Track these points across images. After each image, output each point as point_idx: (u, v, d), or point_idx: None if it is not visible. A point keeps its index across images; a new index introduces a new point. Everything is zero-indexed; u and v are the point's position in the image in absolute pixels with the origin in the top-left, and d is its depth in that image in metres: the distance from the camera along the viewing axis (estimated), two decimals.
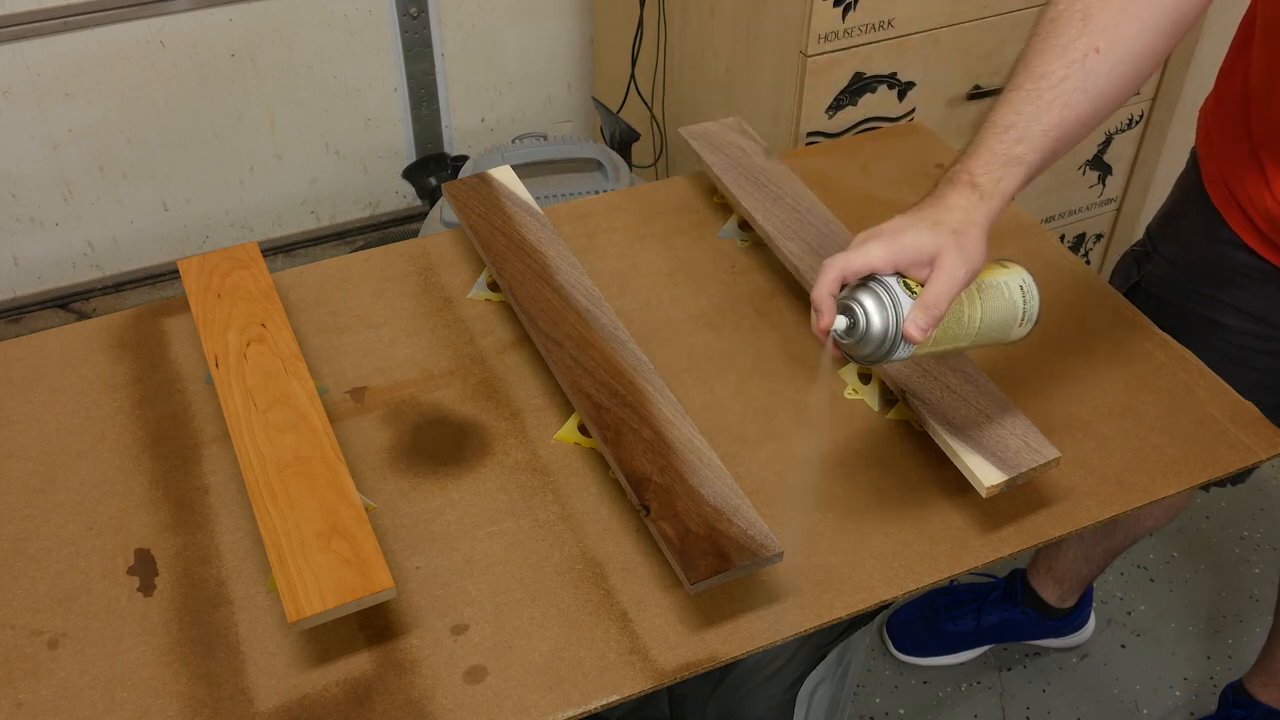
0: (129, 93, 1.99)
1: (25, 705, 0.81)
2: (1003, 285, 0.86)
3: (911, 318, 0.78)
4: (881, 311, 0.78)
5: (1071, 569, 1.60)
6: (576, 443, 1.00)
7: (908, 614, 1.71)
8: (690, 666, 0.84)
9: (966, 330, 0.84)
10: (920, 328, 0.78)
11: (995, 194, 0.82)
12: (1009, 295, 0.86)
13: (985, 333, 0.85)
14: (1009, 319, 0.86)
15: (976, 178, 0.82)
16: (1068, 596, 1.64)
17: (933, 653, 1.69)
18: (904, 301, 0.79)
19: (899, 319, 0.78)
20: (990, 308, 0.85)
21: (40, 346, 1.09)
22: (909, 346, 0.79)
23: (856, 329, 0.79)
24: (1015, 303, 0.86)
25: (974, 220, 0.81)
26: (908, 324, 0.78)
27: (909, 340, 0.79)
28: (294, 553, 0.83)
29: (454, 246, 1.21)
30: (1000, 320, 0.86)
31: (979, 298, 0.84)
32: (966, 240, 0.79)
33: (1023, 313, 0.87)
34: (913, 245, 0.79)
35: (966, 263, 0.79)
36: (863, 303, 0.79)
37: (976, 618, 1.67)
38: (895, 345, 0.79)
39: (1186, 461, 1.00)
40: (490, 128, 2.33)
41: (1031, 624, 1.67)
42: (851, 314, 0.79)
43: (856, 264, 0.79)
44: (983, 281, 0.85)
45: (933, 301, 0.78)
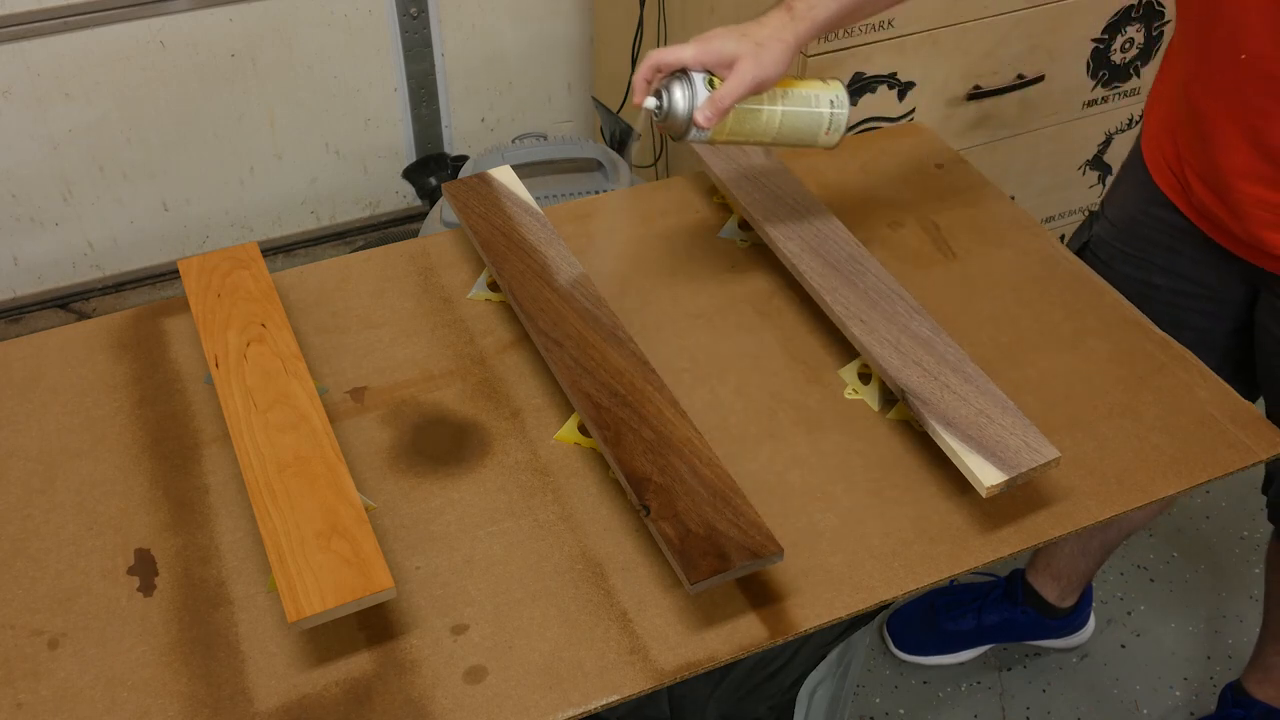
0: (129, 93, 1.99)
1: (25, 705, 0.81)
2: (811, 96, 1.02)
3: (700, 108, 0.95)
4: (683, 100, 0.96)
5: (1069, 565, 1.61)
6: (576, 443, 1.00)
7: (908, 613, 1.71)
8: (690, 666, 0.84)
9: (766, 128, 1.01)
10: (706, 117, 0.95)
11: (805, 19, 0.97)
12: (815, 106, 1.02)
13: (787, 133, 1.02)
14: (813, 126, 1.03)
15: (794, 3, 0.97)
16: (1067, 595, 1.64)
17: (933, 652, 1.69)
18: (701, 94, 0.96)
19: (694, 107, 0.96)
20: (792, 112, 1.01)
21: (40, 346, 1.09)
22: (705, 131, 0.97)
23: (663, 110, 0.97)
24: (820, 113, 1.02)
25: (780, 37, 0.95)
26: (697, 112, 0.95)
27: (697, 126, 0.96)
28: (294, 553, 0.83)
29: (454, 246, 1.21)
30: (803, 125, 1.02)
31: (782, 102, 1.00)
32: (765, 52, 0.95)
33: (828, 123, 1.03)
34: (718, 49, 0.95)
35: (759, 70, 0.94)
36: (670, 89, 0.97)
37: (977, 617, 1.68)
38: (690, 127, 0.97)
39: (1186, 461, 1.00)
40: (490, 128, 2.33)
41: (1032, 623, 1.67)
42: (660, 98, 0.97)
43: (668, 57, 0.96)
44: (790, 90, 1.01)
45: (719, 97, 0.95)
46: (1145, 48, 1.77)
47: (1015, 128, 1.75)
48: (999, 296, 1.16)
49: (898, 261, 1.19)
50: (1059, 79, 1.72)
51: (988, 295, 1.16)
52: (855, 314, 1.05)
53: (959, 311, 1.14)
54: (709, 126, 0.96)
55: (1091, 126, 1.83)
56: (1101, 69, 1.75)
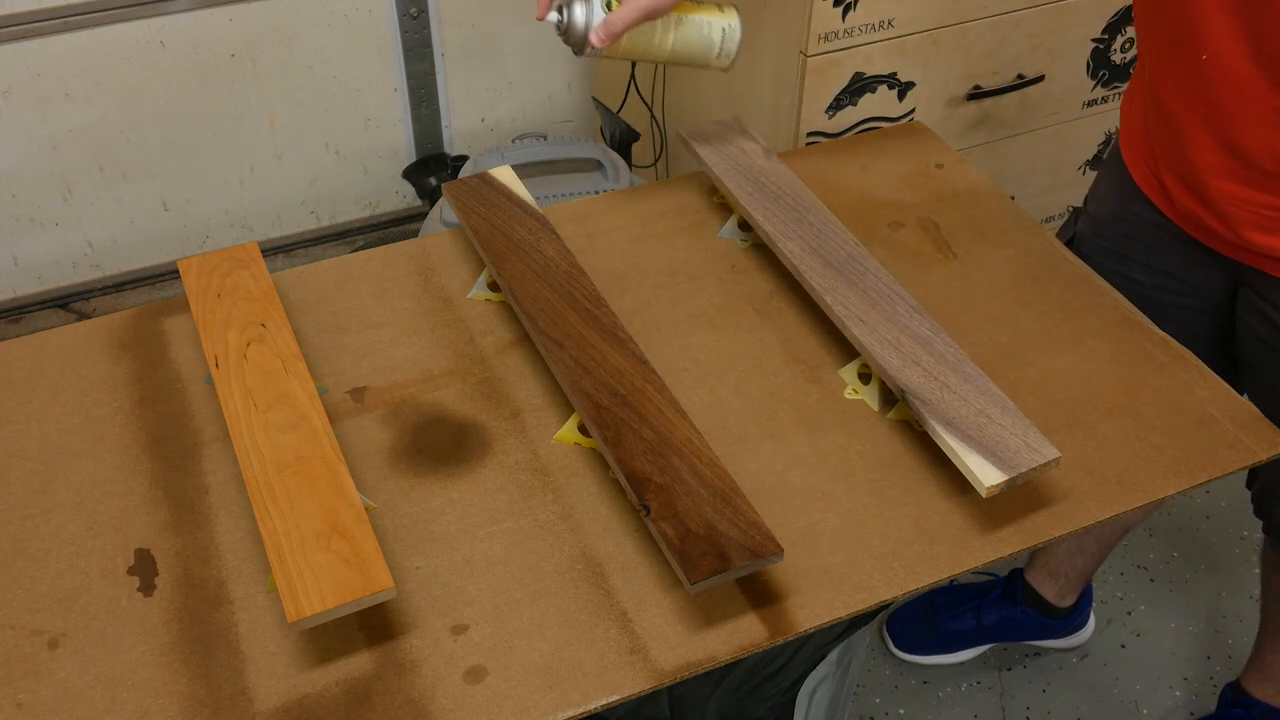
0: (129, 93, 1.99)
1: (25, 705, 0.81)
2: (703, 23, 1.11)
3: (595, 29, 1.06)
4: (581, 18, 1.06)
5: (1066, 563, 1.61)
6: (576, 443, 1.00)
7: (908, 613, 1.71)
8: (690, 666, 0.84)
9: (659, 49, 1.11)
10: (600, 37, 1.06)
11: None
12: (706, 32, 1.11)
13: (679, 54, 1.12)
14: (703, 50, 1.12)
15: None
16: (1066, 594, 1.64)
17: (933, 651, 1.69)
18: (598, 15, 1.06)
19: (589, 26, 1.06)
20: (684, 36, 1.11)
21: (40, 346, 1.09)
22: (599, 50, 1.07)
23: (562, 25, 1.08)
24: (710, 39, 1.12)
25: None
26: (591, 33, 1.06)
27: (590, 45, 1.07)
28: (294, 553, 0.84)
29: (454, 246, 1.21)
30: (694, 49, 1.12)
31: (674, 28, 1.10)
32: None
33: (718, 48, 1.12)
34: None
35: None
36: (571, 7, 1.07)
37: (976, 616, 1.68)
38: (585, 45, 1.07)
39: (1186, 461, 1.00)
40: (490, 128, 2.33)
41: (1031, 623, 1.67)
42: (561, 14, 1.07)
43: None
44: (684, 17, 1.10)
45: (612, 20, 1.06)
46: None
47: (1015, 128, 1.75)
48: (999, 296, 1.16)
49: (898, 261, 1.19)
50: (1059, 79, 1.72)
51: (988, 295, 1.16)
52: (855, 314, 1.05)
53: (959, 311, 1.14)
54: (601, 46, 1.06)
55: (1091, 126, 1.83)
56: (1101, 69, 1.75)
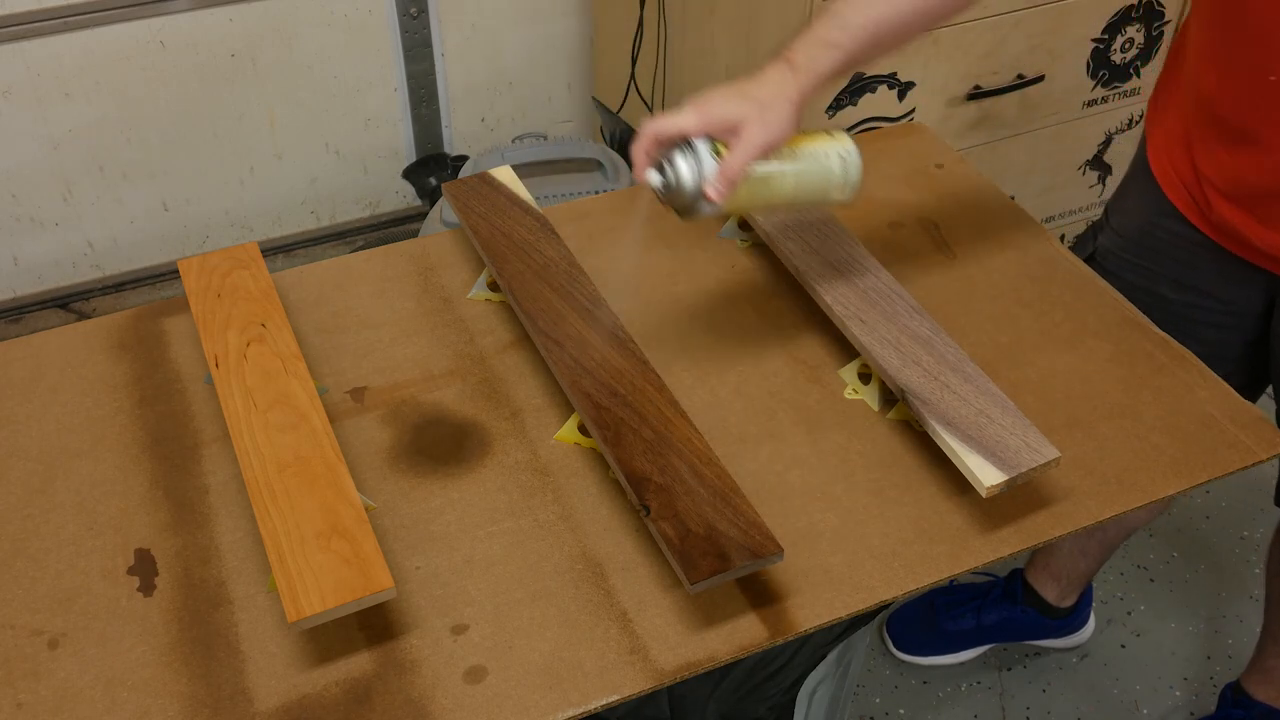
0: (129, 93, 1.99)
1: (25, 705, 0.81)
2: (820, 154, 0.95)
3: (710, 180, 0.88)
4: (688, 172, 0.88)
5: (1068, 565, 1.60)
6: (576, 443, 1.00)
7: (908, 613, 1.71)
8: (690, 666, 0.84)
9: (779, 192, 0.95)
10: (718, 190, 0.88)
11: (808, 71, 0.89)
12: (825, 163, 0.95)
13: (801, 195, 0.97)
14: (824, 184, 0.96)
15: (794, 56, 0.89)
16: (1067, 595, 1.64)
17: (933, 652, 1.69)
18: (708, 164, 0.88)
19: (701, 179, 0.88)
20: (803, 173, 0.95)
21: (40, 346, 1.09)
22: (715, 205, 0.89)
23: (669, 185, 0.90)
24: (830, 169, 0.96)
25: (783, 94, 0.88)
26: (707, 185, 0.88)
27: (707, 200, 0.88)
28: (294, 553, 0.84)
29: (454, 246, 1.21)
30: (815, 185, 0.96)
31: (790, 164, 0.94)
32: (770, 112, 0.87)
33: (842, 179, 0.96)
34: (720, 113, 0.88)
35: (766, 132, 0.87)
36: (674, 162, 0.89)
37: (976, 617, 1.68)
38: (700, 203, 0.89)
39: (1186, 461, 1.00)
40: (490, 128, 2.33)
41: (1031, 623, 1.67)
42: (664, 171, 0.89)
43: (669, 127, 0.88)
44: (798, 149, 0.94)
45: (728, 165, 0.87)
46: (1145, 48, 1.77)
47: (1015, 128, 1.75)
48: (999, 296, 1.16)
49: (898, 261, 1.19)
50: (1059, 79, 1.72)
51: (988, 295, 1.16)
52: (855, 314, 1.05)
53: (959, 311, 1.14)
54: (720, 200, 0.88)
55: (1091, 126, 1.83)
56: (1101, 69, 1.75)
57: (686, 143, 0.89)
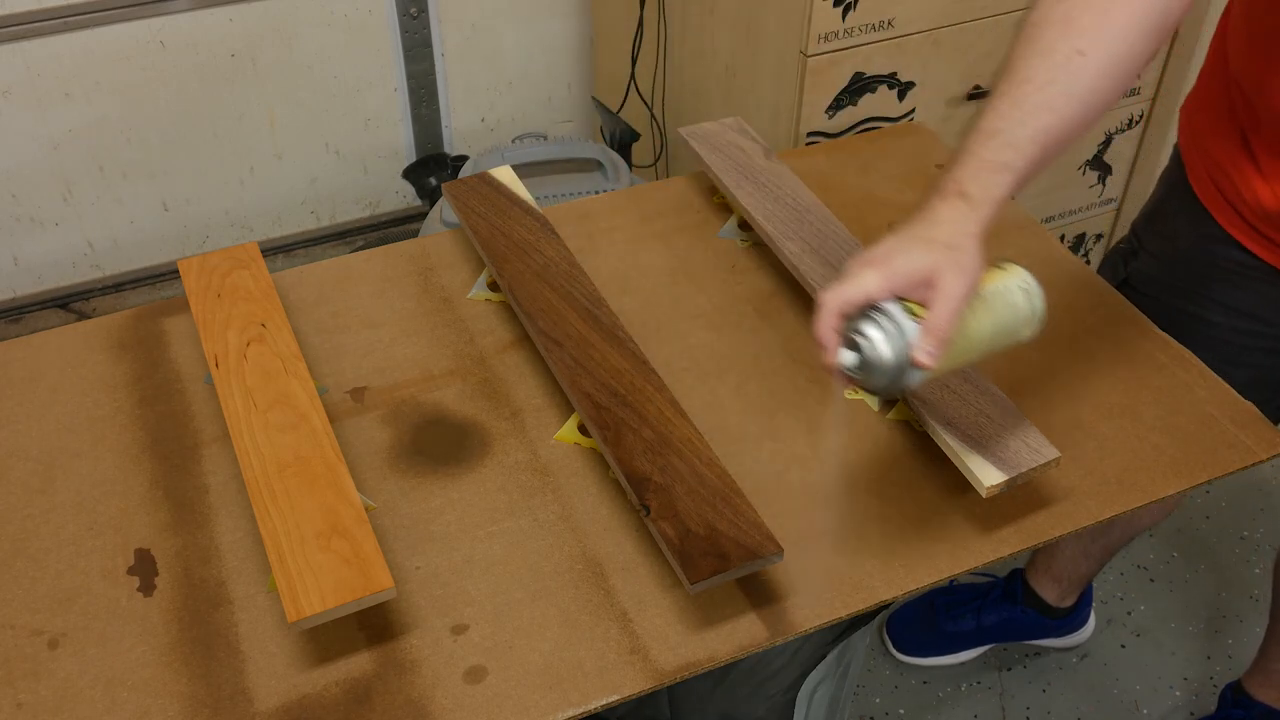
0: (129, 93, 1.99)
1: (25, 705, 0.81)
2: (1004, 292, 0.85)
3: (919, 345, 0.76)
4: (887, 342, 0.76)
5: (1069, 567, 1.60)
6: (576, 443, 1.00)
7: (907, 614, 1.71)
8: (690, 666, 0.84)
9: (976, 343, 0.83)
10: (930, 353, 0.76)
11: (985, 201, 0.79)
12: (1012, 300, 0.85)
13: (995, 341, 0.84)
14: (1016, 324, 0.85)
15: (965, 187, 0.80)
16: (1067, 595, 1.64)
17: (933, 653, 1.69)
18: (908, 327, 0.76)
19: (906, 346, 0.76)
20: (996, 317, 0.83)
21: (40, 346, 1.09)
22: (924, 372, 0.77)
23: (866, 362, 0.77)
24: (1019, 306, 0.85)
25: (966, 231, 0.78)
26: (917, 352, 0.76)
27: (919, 367, 0.76)
28: (294, 553, 0.84)
29: (454, 246, 1.21)
30: (1007, 327, 0.85)
31: (983, 309, 0.82)
32: (961, 254, 0.78)
33: (1030, 314, 0.86)
34: (906, 268, 0.77)
35: (964, 277, 0.77)
36: (868, 334, 0.77)
37: (976, 617, 1.67)
38: (906, 373, 0.77)
39: (1186, 461, 1.00)
40: (490, 128, 2.33)
41: (1032, 623, 1.67)
42: (858, 348, 0.77)
43: (854, 295, 0.77)
44: (984, 291, 0.82)
45: (937, 324, 0.76)
46: None
47: None
48: None
49: None
50: None
51: None
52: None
53: None
54: (934, 363, 0.76)
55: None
56: None
57: (875, 309, 0.77)
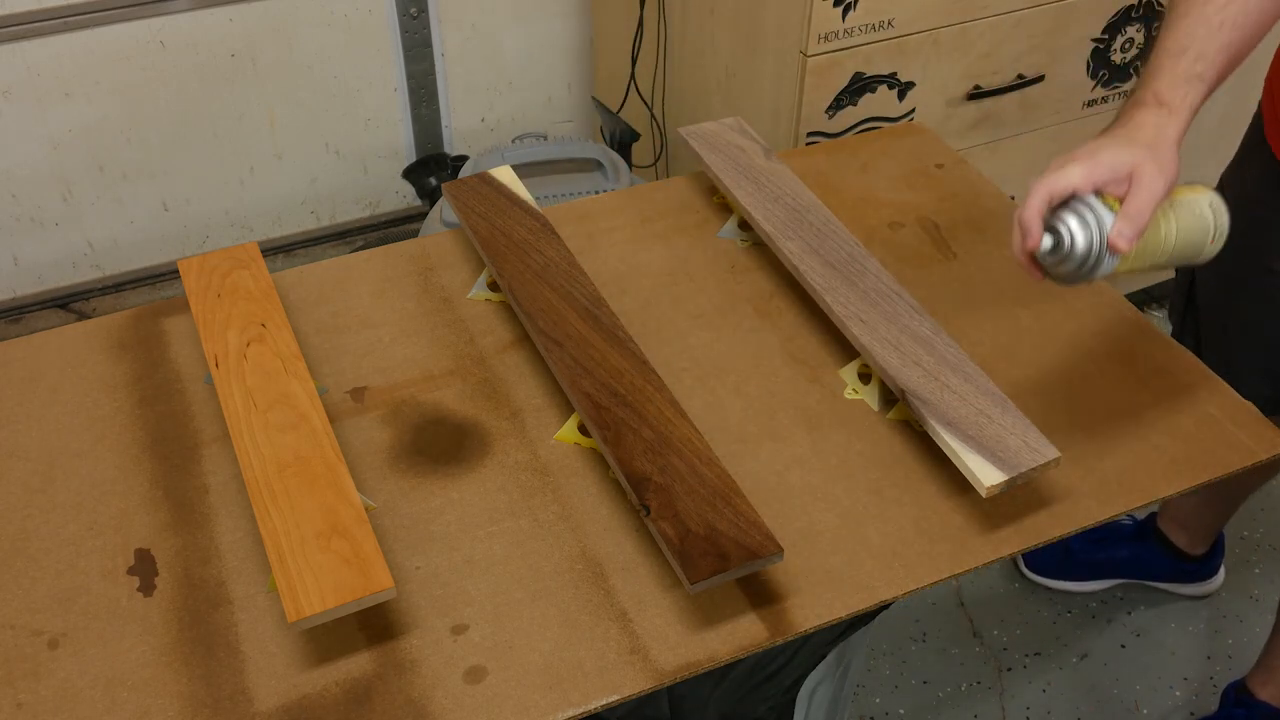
0: (129, 93, 1.99)
1: (25, 705, 0.81)
2: (1194, 203, 0.91)
3: (1117, 229, 0.83)
4: (1085, 229, 0.84)
5: (1193, 515, 1.66)
6: (576, 443, 1.00)
7: None
8: (690, 666, 0.84)
9: (1163, 247, 0.89)
10: (1126, 238, 0.83)
11: (1182, 108, 0.87)
12: (1200, 212, 0.91)
13: (1180, 250, 0.90)
14: (1202, 235, 0.91)
15: (1163, 96, 0.88)
16: (1196, 543, 1.69)
17: (1063, 576, 1.74)
18: (1105, 217, 0.84)
19: (1103, 234, 0.83)
20: (1184, 225, 0.90)
21: (40, 346, 1.09)
22: (1112, 260, 0.84)
23: (1061, 247, 0.85)
24: (1207, 219, 0.91)
25: (1166, 135, 0.86)
26: (1114, 235, 0.83)
27: (1115, 251, 0.84)
28: (294, 553, 0.84)
29: (454, 246, 1.21)
30: (1194, 237, 0.91)
31: (1173, 215, 0.89)
32: (1161, 154, 0.85)
33: (1214, 229, 0.92)
34: (1110, 162, 0.85)
35: (1163, 174, 0.84)
36: (1067, 221, 0.84)
37: (1110, 550, 1.72)
38: (1100, 260, 0.84)
39: (1187, 461, 1.00)
40: (490, 128, 2.33)
41: (1162, 564, 1.71)
42: (1056, 233, 0.85)
43: (1059, 185, 0.85)
44: (1175, 200, 0.89)
45: (1136, 211, 0.83)
46: (1145, 48, 1.76)
47: (1015, 128, 1.75)
48: (999, 296, 1.16)
49: (898, 261, 1.19)
50: (1059, 79, 1.72)
51: (988, 295, 1.16)
52: (855, 314, 1.05)
53: (959, 311, 1.14)
54: (1129, 249, 0.84)
55: (1091, 126, 1.83)
56: (1101, 69, 1.75)
57: (1076, 199, 0.85)
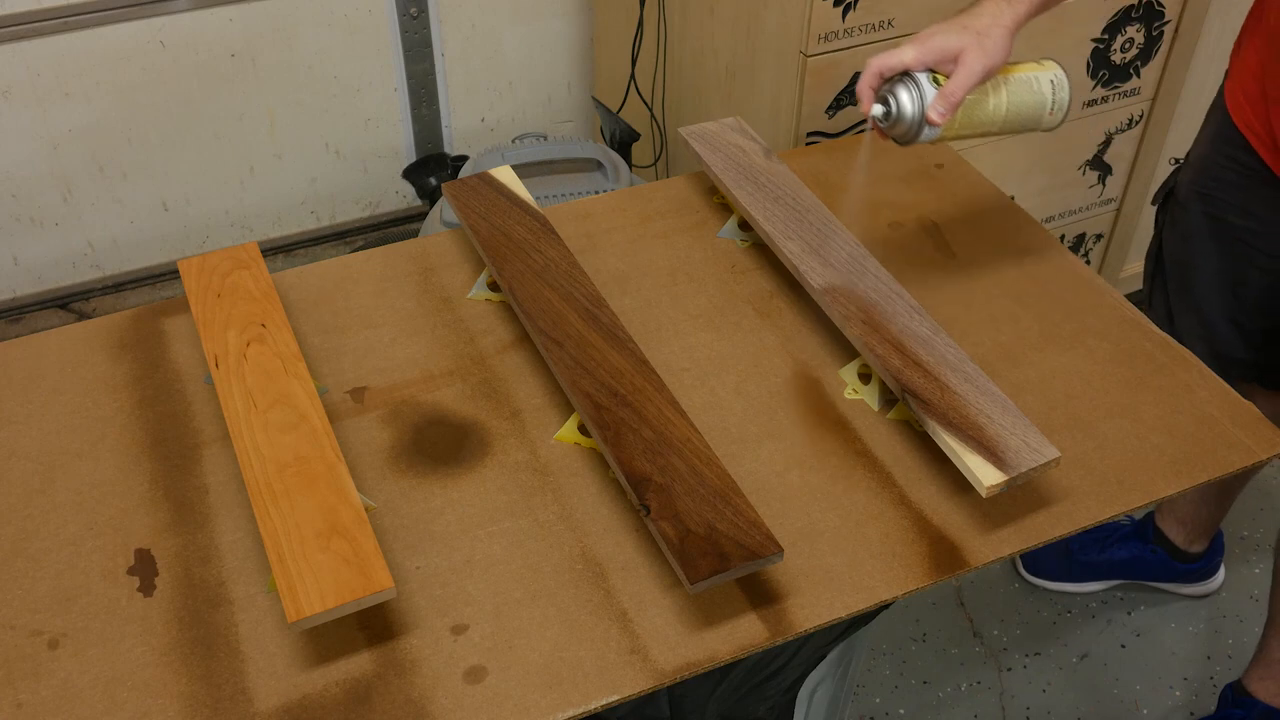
0: (129, 93, 1.99)
1: (25, 705, 0.81)
2: (1032, 79, 1.03)
3: (932, 104, 0.97)
4: (911, 102, 0.97)
5: (1189, 511, 1.66)
6: (576, 443, 1.00)
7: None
8: (690, 666, 0.84)
9: (993, 117, 1.02)
10: (939, 113, 0.97)
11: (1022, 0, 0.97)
12: (1037, 88, 1.03)
13: (1013, 119, 1.03)
14: (1038, 109, 1.03)
15: None
16: (1193, 540, 1.69)
17: (1062, 578, 1.74)
18: (929, 92, 0.97)
19: (924, 106, 0.97)
20: (1016, 98, 1.02)
21: (40, 346, 1.09)
22: (934, 129, 0.98)
23: (890, 115, 0.99)
24: (1043, 95, 1.03)
25: (1000, 23, 0.96)
26: (930, 109, 0.97)
27: (930, 124, 0.97)
28: (294, 553, 0.84)
29: (454, 246, 1.21)
30: (1027, 110, 1.03)
31: (1005, 89, 1.02)
32: (988, 40, 0.95)
33: (1051, 103, 1.04)
34: (939, 45, 0.96)
35: (985, 59, 0.95)
36: (897, 94, 0.98)
37: (1108, 551, 1.73)
38: (922, 127, 0.98)
39: (1186, 461, 1.00)
40: (490, 128, 2.33)
41: (1160, 564, 1.72)
42: (887, 104, 0.99)
43: (890, 61, 0.98)
44: (1011, 76, 1.02)
45: (950, 91, 0.96)
46: (1145, 48, 1.76)
47: None
48: (999, 296, 1.16)
49: (898, 261, 1.19)
50: None
51: (988, 295, 1.16)
52: (855, 314, 1.05)
53: (959, 311, 1.14)
54: (943, 122, 0.97)
55: (1091, 126, 1.83)
56: (1101, 69, 1.75)
57: (907, 75, 0.98)
